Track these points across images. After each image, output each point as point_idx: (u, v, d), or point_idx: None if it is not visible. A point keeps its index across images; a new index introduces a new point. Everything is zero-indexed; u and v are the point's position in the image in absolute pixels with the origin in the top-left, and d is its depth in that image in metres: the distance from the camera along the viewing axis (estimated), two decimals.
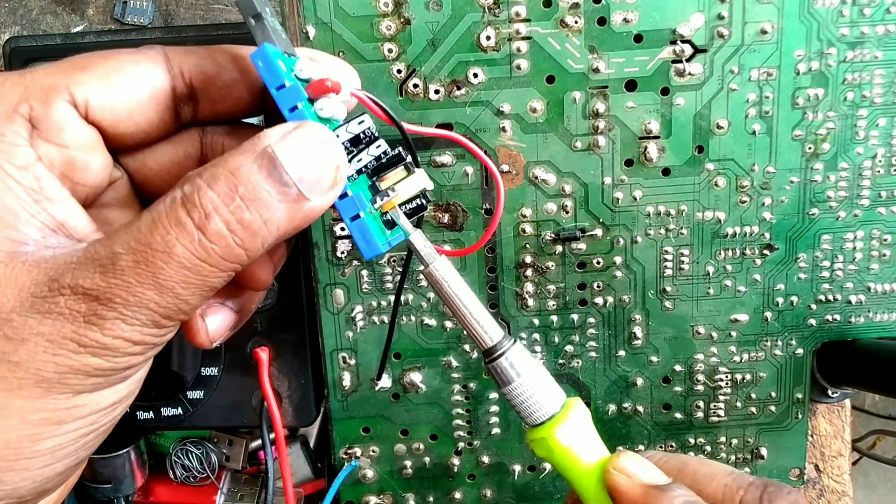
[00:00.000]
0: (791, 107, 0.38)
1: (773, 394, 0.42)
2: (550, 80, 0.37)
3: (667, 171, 0.38)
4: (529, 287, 0.40)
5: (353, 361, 0.41)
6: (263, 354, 0.41)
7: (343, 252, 0.39)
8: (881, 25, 0.37)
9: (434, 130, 0.35)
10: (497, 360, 0.30)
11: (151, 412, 0.43)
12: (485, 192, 0.39)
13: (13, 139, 0.25)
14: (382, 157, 0.28)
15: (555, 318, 0.41)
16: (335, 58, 0.31)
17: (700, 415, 0.42)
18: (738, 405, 0.42)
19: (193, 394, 0.43)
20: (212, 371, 0.43)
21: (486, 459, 0.43)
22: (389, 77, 0.37)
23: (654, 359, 0.41)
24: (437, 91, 0.37)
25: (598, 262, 0.40)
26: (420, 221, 0.32)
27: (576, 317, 0.41)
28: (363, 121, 0.28)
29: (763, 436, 0.43)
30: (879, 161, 0.39)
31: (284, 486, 0.41)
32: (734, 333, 0.41)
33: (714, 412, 0.42)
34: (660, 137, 0.38)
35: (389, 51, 0.36)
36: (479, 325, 0.30)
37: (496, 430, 0.42)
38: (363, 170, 0.28)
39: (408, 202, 0.29)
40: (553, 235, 0.39)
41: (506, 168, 0.38)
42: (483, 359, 0.31)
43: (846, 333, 0.41)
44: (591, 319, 0.41)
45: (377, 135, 0.28)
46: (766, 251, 0.40)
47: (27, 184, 0.25)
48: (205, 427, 0.48)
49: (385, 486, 0.43)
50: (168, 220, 0.24)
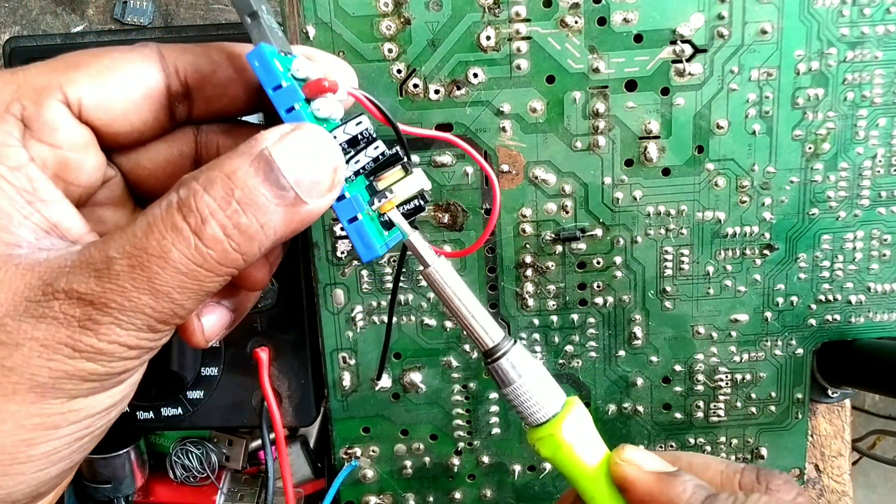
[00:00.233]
0: (791, 107, 0.38)
1: (773, 394, 0.42)
2: (550, 80, 0.37)
3: (667, 171, 0.38)
4: (529, 287, 0.40)
5: (353, 361, 0.41)
6: (263, 354, 0.41)
7: (343, 252, 0.39)
8: (881, 25, 0.37)
9: (430, 132, 0.35)
10: (498, 361, 0.30)
11: (151, 412, 0.43)
12: (485, 192, 0.39)
13: (5, 139, 0.25)
14: (380, 158, 0.28)
15: (555, 318, 0.40)
16: (332, 56, 0.31)
17: (700, 415, 0.42)
18: (738, 405, 0.42)
19: (193, 394, 0.43)
20: (212, 371, 0.43)
21: (486, 459, 0.43)
22: (389, 77, 0.37)
23: (654, 359, 0.41)
24: (437, 91, 0.37)
25: (598, 262, 0.40)
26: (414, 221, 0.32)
27: (576, 317, 0.41)
28: (361, 122, 0.27)
29: (763, 436, 0.43)
30: (879, 161, 0.39)
31: (284, 486, 0.41)
32: (734, 333, 0.41)
33: (714, 412, 0.42)
34: (660, 137, 0.38)
35: (389, 51, 0.36)
36: (480, 326, 0.30)
37: (496, 430, 0.42)
38: (361, 171, 0.28)
39: (405, 203, 0.29)
40: (553, 235, 0.39)
41: (506, 168, 0.38)
42: (483, 360, 0.31)
43: (846, 333, 0.41)
44: (591, 319, 0.41)
45: (375, 136, 0.28)
46: (766, 251, 0.40)
47: (20, 185, 0.25)
48: (205, 427, 0.48)
49: (385, 486, 0.43)
50: (164, 225, 0.24)
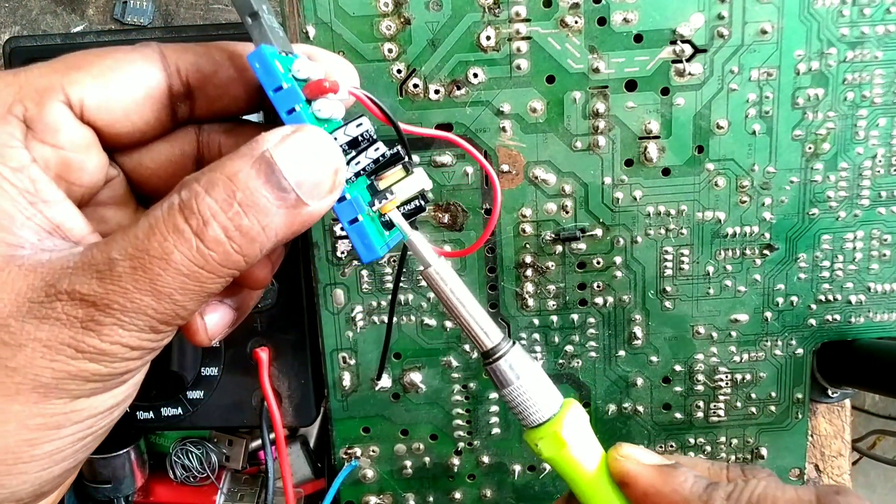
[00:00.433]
0: (791, 107, 0.38)
1: (773, 394, 0.42)
2: (550, 80, 0.37)
3: (667, 171, 0.38)
4: (529, 287, 0.40)
5: (353, 361, 0.41)
6: (263, 354, 0.41)
7: (343, 252, 0.39)
8: (881, 25, 0.37)
9: (431, 131, 0.35)
10: (497, 363, 0.30)
11: (151, 412, 0.43)
12: (485, 192, 0.39)
13: (7, 141, 0.25)
14: (381, 160, 0.28)
15: (555, 318, 0.40)
16: (333, 55, 0.31)
17: (700, 415, 0.42)
18: (738, 405, 0.42)
19: (193, 394, 0.43)
20: (212, 371, 0.43)
21: (486, 459, 0.43)
22: (389, 77, 0.37)
23: (654, 359, 0.41)
24: (437, 91, 0.37)
25: (598, 262, 0.40)
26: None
27: (576, 317, 0.41)
28: (361, 123, 0.27)
29: (763, 436, 0.43)
30: (879, 161, 0.39)
31: (284, 486, 0.41)
32: (734, 333, 0.41)
33: (714, 412, 0.42)
34: (660, 137, 0.38)
35: (389, 51, 0.36)
36: (479, 327, 0.30)
37: (496, 430, 0.42)
38: (361, 172, 0.28)
39: (406, 203, 0.29)
40: (553, 235, 0.39)
41: (506, 168, 0.38)
42: (482, 360, 0.31)
43: (846, 333, 0.41)
44: (591, 319, 0.41)
45: (376, 137, 0.28)
46: (766, 251, 0.40)
47: (22, 186, 0.25)
48: (205, 427, 0.48)
49: (385, 486, 0.43)
50: (166, 227, 0.24)
